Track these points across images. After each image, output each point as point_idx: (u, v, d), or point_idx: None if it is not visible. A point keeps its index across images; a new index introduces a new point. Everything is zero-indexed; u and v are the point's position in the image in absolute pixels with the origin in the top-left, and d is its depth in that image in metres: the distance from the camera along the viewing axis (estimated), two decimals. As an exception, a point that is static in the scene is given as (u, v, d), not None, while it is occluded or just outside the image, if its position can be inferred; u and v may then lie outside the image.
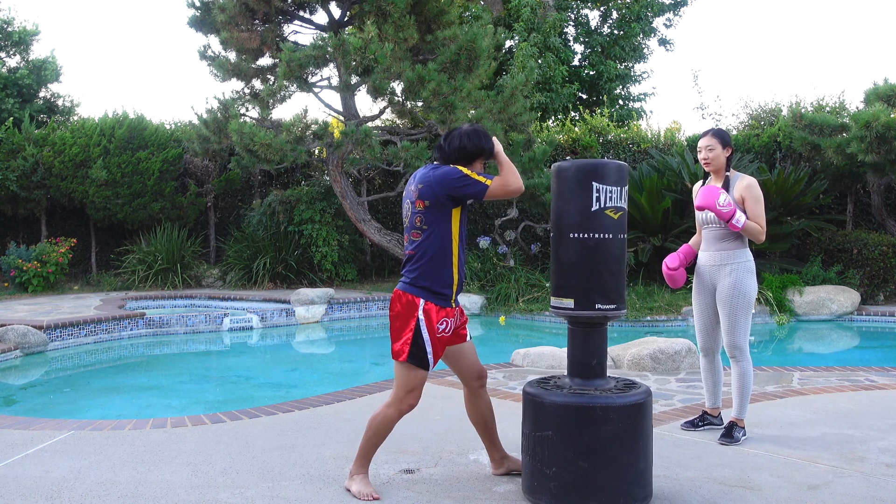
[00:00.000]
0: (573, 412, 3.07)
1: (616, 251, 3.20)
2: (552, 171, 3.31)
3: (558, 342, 7.17)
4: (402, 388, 3.26)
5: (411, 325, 3.21)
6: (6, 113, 13.42)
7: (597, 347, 3.27)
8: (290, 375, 6.99)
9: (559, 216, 3.25)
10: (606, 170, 3.18)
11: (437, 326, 3.23)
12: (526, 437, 3.23)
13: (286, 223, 11.98)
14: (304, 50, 10.33)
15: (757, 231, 3.98)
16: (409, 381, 3.25)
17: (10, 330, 7.38)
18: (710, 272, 4.13)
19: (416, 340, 3.20)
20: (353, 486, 3.28)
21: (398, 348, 3.24)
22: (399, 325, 3.25)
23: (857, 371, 6.03)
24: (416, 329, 3.20)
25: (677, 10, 18.64)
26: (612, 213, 3.17)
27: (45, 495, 3.26)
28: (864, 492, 3.33)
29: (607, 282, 3.17)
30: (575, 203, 3.19)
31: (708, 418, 4.31)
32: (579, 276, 3.18)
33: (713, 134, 4.15)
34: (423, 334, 3.20)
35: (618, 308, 3.19)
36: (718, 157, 4.12)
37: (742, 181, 4.09)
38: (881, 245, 10.38)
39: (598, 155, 12.91)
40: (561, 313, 3.24)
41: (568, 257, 3.21)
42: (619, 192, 3.19)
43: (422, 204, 3.21)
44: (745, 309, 4.02)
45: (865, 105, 11.31)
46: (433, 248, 3.22)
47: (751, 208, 4.02)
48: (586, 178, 3.17)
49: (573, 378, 3.28)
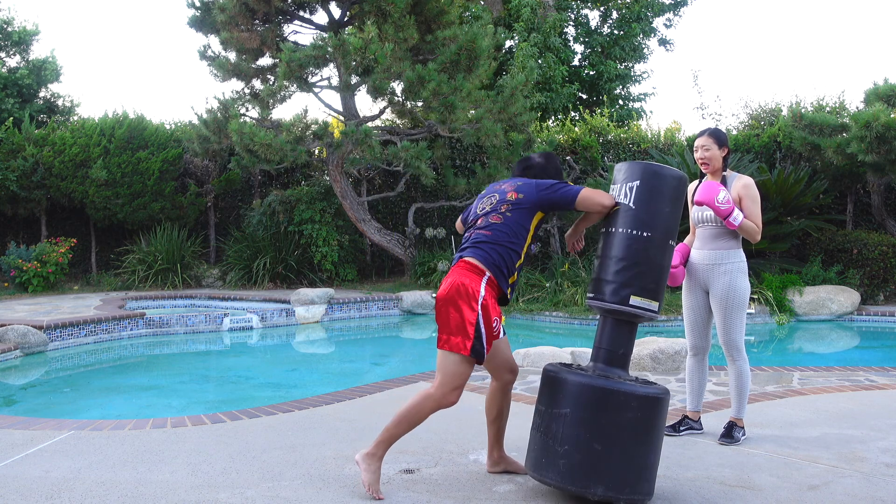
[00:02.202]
0: (596, 393, 3.07)
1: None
2: (656, 171, 3.30)
3: (558, 342, 7.17)
4: (450, 384, 3.18)
5: (471, 318, 3.16)
6: (6, 113, 13.41)
7: (628, 339, 3.29)
8: (290, 375, 6.99)
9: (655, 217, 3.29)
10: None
11: (493, 322, 3.22)
12: (540, 414, 3.22)
13: (286, 223, 11.98)
14: (304, 50, 10.33)
15: (753, 230, 3.97)
16: (460, 376, 3.19)
17: (9, 330, 7.38)
18: (703, 271, 4.11)
19: (478, 333, 3.16)
20: (365, 471, 3.21)
21: (458, 341, 3.15)
22: (457, 316, 3.16)
23: (857, 371, 6.03)
24: (477, 322, 3.15)
25: (677, 10, 18.64)
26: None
27: (45, 495, 3.26)
28: (864, 492, 3.33)
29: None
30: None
31: (689, 422, 4.25)
32: (661, 277, 3.26)
33: (709, 134, 4.14)
34: (481, 328, 3.16)
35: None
36: (715, 157, 4.10)
37: (739, 181, 4.08)
38: (881, 245, 10.38)
39: (597, 155, 12.91)
40: (647, 315, 3.24)
41: (665, 261, 3.28)
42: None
43: (515, 195, 3.29)
44: (740, 308, 4.01)
45: (865, 105, 11.31)
46: (505, 237, 3.25)
47: (748, 208, 4.01)
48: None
49: (597, 363, 3.30)
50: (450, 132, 11.02)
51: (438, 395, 3.18)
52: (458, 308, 3.18)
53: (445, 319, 3.21)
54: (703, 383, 4.25)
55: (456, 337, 3.16)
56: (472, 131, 10.84)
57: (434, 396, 3.19)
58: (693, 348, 4.24)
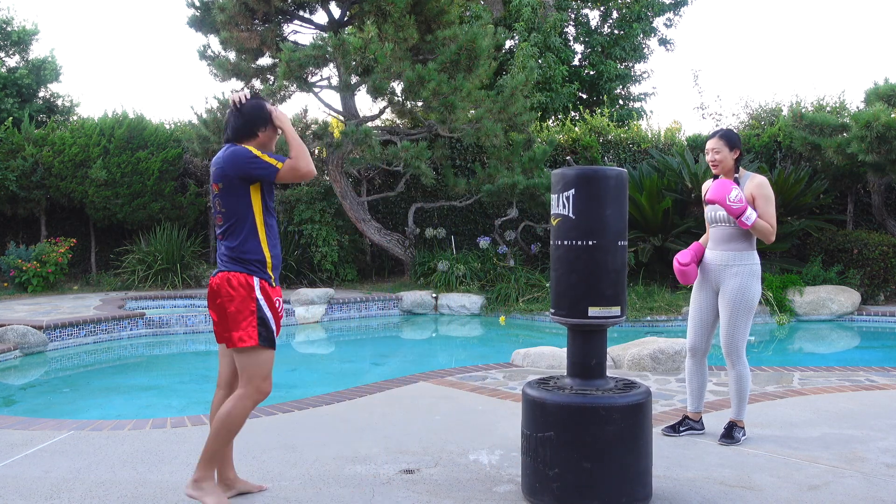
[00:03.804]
0: (576, 412, 3.06)
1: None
2: (590, 177, 3.22)
3: (558, 342, 7.16)
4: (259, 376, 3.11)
5: (251, 306, 3.06)
6: (6, 113, 13.41)
7: (598, 348, 3.27)
8: (290, 375, 6.98)
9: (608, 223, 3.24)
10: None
11: (275, 305, 3.14)
12: (526, 439, 3.21)
13: (286, 223, 11.98)
14: (304, 50, 10.32)
15: (767, 230, 3.93)
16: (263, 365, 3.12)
17: (9, 330, 7.38)
18: (715, 271, 4.08)
19: (262, 319, 3.08)
20: (205, 497, 3.04)
21: (240, 335, 3.05)
22: (235, 309, 3.06)
23: (858, 371, 6.02)
24: (258, 308, 3.07)
25: (677, 10, 18.63)
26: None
27: (45, 495, 3.26)
28: (864, 492, 3.33)
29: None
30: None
31: (689, 423, 4.23)
32: (618, 280, 3.23)
33: (720, 136, 4.10)
34: (266, 312, 3.09)
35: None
36: (726, 160, 4.07)
37: (753, 180, 4.04)
38: (881, 245, 10.37)
39: (597, 155, 12.91)
40: (610, 322, 3.22)
41: (618, 264, 3.23)
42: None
43: (217, 187, 3.14)
44: (747, 312, 3.98)
45: (866, 105, 11.32)
46: (241, 228, 3.10)
47: (761, 207, 3.97)
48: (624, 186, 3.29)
49: (573, 378, 3.28)
50: (450, 132, 11.02)
51: (252, 392, 3.13)
52: (233, 300, 3.10)
53: (224, 317, 3.14)
54: (704, 384, 4.24)
55: (234, 332, 3.08)
56: (472, 131, 10.84)
57: (247, 395, 3.13)
58: (692, 349, 4.20)
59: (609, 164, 12.69)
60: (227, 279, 3.09)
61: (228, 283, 3.08)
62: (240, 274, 3.08)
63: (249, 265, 3.10)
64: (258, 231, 3.13)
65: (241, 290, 3.07)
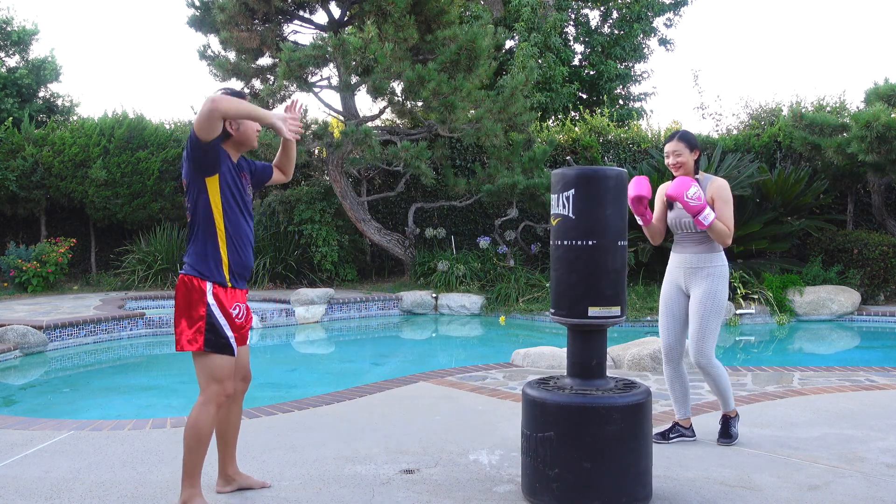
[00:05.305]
0: (576, 412, 3.06)
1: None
2: (590, 177, 3.22)
3: (558, 342, 7.16)
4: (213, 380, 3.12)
5: (201, 311, 3.02)
6: (6, 113, 13.41)
7: (598, 348, 3.27)
8: (289, 375, 6.98)
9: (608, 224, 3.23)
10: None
11: (231, 311, 3.09)
12: (526, 439, 3.21)
13: (286, 223, 11.98)
14: (304, 50, 10.33)
15: (724, 232, 3.88)
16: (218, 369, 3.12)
17: (9, 330, 7.37)
18: (685, 274, 4.04)
19: (212, 326, 3.02)
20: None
21: (188, 337, 3.04)
22: (184, 313, 3.04)
23: (858, 371, 6.02)
24: (208, 314, 3.02)
25: (677, 10, 18.63)
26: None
27: (45, 495, 3.26)
28: (864, 492, 3.33)
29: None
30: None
31: (679, 429, 4.14)
32: (618, 280, 3.23)
33: (679, 138, 4.06)
34: (217, 318, 3.03)
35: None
36: (687, 161, 4.03)
37: (713, 183, 4.02)
38: (881, 245, 10.37)
39: (598, 155, 12.91)
40: (610, 322, 3.22)
41: (618, 264, 3.23)
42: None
43: (185, 183, 3.09)
44: (717, 314, 3.94)
45: (866, 105, 11.32)
46: (200, 228, 3.05)
47: (720, 209, 3.94)
48: (624, 186, 3.29)
49: (573, 378, 3.28)
50: (450, 132, 11.02)
51: (212, 397, 3.17)
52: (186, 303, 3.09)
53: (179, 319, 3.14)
54: (686, 388, 4.15)
55: (184, 335, 3.07)
56: (472, 131, 10.84)
57: (207, 401, 3.17)
58: (668, 352, 4.10)
59: (609, 164, 12.69)
60: (182, 281, 3.06)
61: (183, 285, 3.06)
62: (194, 278, 3.04)
63: (203, 268, 3.04)
64: (216, 231, 3.05)
65: (192, 294, 3.03)
